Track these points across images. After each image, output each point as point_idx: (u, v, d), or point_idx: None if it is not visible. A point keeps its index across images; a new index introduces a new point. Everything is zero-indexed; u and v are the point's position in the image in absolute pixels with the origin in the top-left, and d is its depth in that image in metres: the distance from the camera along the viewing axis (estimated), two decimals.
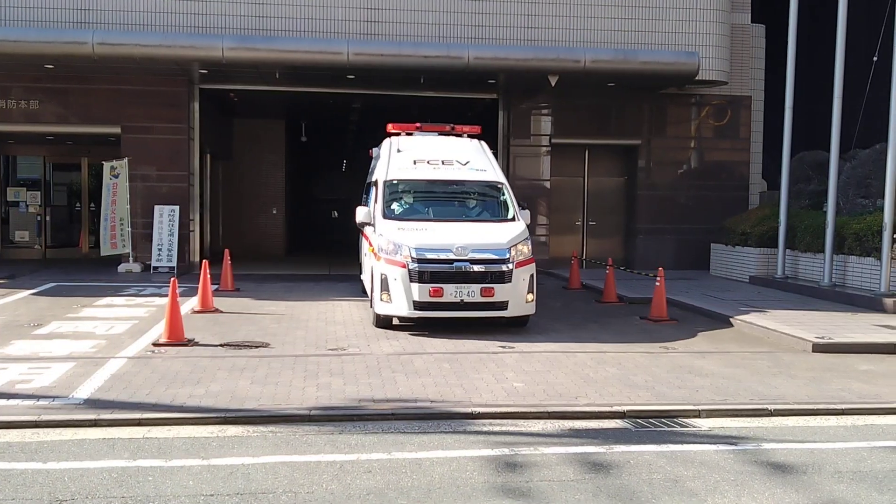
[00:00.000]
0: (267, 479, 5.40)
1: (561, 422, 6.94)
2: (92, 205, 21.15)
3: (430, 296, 10.07)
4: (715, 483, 5.52)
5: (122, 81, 17.04)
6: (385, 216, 10.96)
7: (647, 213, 19.05)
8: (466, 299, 10.13)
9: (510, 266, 10.25)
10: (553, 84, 16.58)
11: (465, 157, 11.86)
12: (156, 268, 17.02)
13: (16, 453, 5.85)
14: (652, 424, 6.93)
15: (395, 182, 11.49)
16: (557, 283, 15.87)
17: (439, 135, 12.69)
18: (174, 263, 17.02)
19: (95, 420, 6.52)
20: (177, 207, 17.25)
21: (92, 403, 6.96)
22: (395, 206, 11.28)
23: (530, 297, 10.52)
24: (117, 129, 17.37)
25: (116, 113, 17.22)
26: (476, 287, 10.12)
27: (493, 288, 10.15)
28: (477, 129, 12.92)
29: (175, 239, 17.14)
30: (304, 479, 5.43)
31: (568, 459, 5.97)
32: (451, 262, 10.11)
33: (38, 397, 7.09)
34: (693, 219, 18.74)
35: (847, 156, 15.21)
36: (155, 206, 17.19)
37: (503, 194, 11.47)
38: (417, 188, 11.64)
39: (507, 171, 17.58)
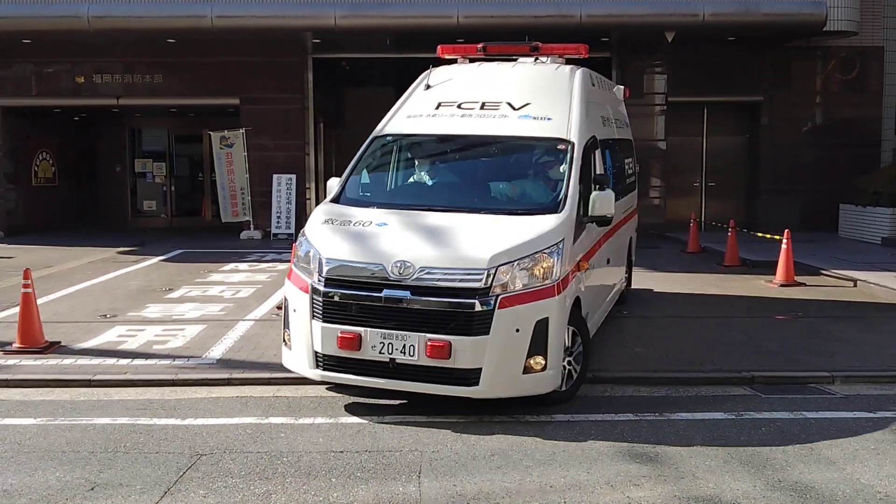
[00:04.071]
0: (393, 438, 5.49)
1: (686, 388, 6.77)
2: (213, 175, 21.93)
3: (338, 346, 5.85)
4: (854, 451, 5.28)
5: (239, 53, 17.48)
6: (339, 198, 6.93)
7: (770, 172, 18.23)
8: (400, 359, 5.74)
9: (488, 301, 5.70)
10: (669, 40, 16.01)
11: (525, 97, 7.21)
12: (275, 235, 17.54)
13: (156, 410, 6.16)
14: (783, 391, 6.67)
15: (388, 139, 7.38)
16: (675, 246, 15.46)
17: (508, 60, 8.03)
18: (293, 230, 17.47)
19: (228, 379, 6.80)
20: (293, 176, 17.70)
21: (224, 363, 7.25)
22: (370, 181, 7.30)
23: (539, 361, 5.80)
24: (236, 101, 17.88)
25: (234, 85, 17.71)
26: (418, 337, 5.69)
27: (447, 342, 5.64)
28: (580, 49, 7.99)
29: (293, 206, 17.60)
30: (429, 438, 5.50)
31: (695, 425, 5.83)
32: (378, 286, 5.86)
33: (174, 357, 7.44)
34: (819, 178, 17.81)
35: None
36: (273, 174, 17.66)
37: (564, 161, 6.71)
38: (422, 152, 7.51)
39: None
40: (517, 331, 5.73)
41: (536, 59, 7.95)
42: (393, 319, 5.77)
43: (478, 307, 5.68)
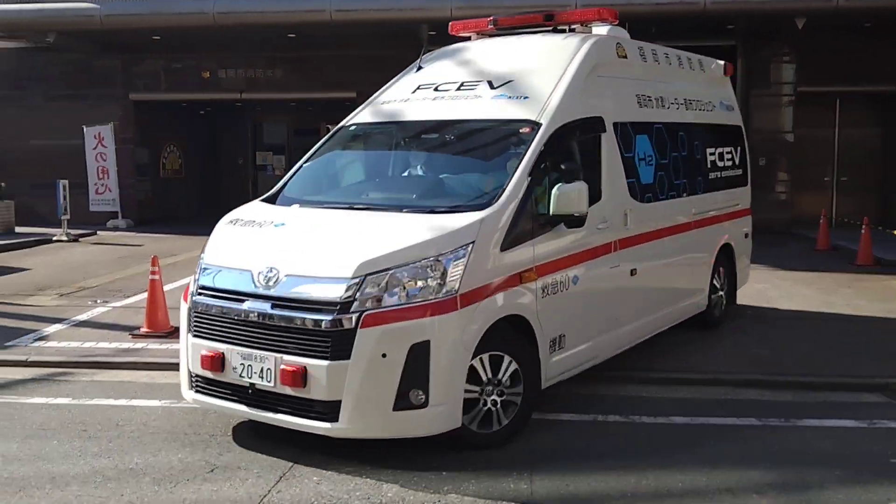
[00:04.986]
0: None
1: (813, 393, 6.42)
2: None
3: (202, 366, 5.18)
4: None
5: (355, 47, 17.77)
6: (275, 196, 6.17)
7: None
8: (259, 384, 4.95)
9: (349, 318, 4.72)
10: (800, 27, 15.25)
11: (510, 75, 6.21)
12: None
13: None
14: None
15: (351, 129, 6.63)
16: (803, 244, 14.74)
17: (522, 33, 7.06)
18: None
19: None
20: None
21: None
22: (315, 176, 6.48)
23: (419, 396, 4.75)
24: (353, 94, 18.14)
25: (351, 78, 18.00)
26: (274, 360, 4.88)
27: (302, 367, 4.77)
28: (602, 13, 6.80)
29: None
30: (541, 437, 5.40)
31: (823, 432, 5.52)
32: (241, 297, 5.10)
33: None
34: None
35: None
36: None
37: (522, 146, 5.57)
38: (374, 142, 6.77)
39: (745, 123, 16.46)
40: (384, 356, 4.68)
41: (554, 28, 6.89)
42: (254, 337, 4.97)
43: (335, 325, 4.71)
